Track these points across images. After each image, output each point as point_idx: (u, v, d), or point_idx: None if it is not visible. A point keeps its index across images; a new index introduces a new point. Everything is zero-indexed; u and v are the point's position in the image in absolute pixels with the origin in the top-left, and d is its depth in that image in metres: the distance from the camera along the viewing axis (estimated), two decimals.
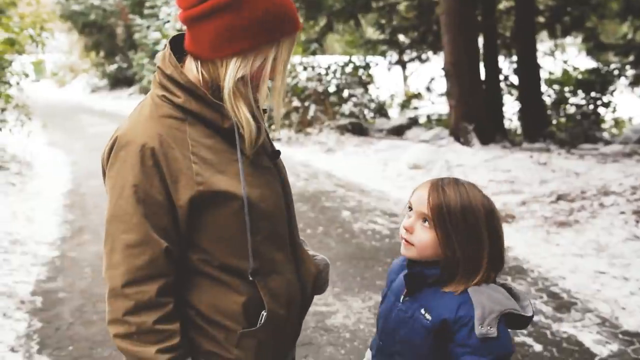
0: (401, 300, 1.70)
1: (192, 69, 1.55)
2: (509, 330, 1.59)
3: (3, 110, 9.89)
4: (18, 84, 10.23)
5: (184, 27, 1.55)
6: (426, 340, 1.60)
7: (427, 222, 1.61)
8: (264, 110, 1.69)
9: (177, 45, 1.58)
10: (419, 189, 1.67)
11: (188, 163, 1.48)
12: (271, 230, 1.60)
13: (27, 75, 10.76)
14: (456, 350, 1.55)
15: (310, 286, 1.76)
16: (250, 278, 1.55)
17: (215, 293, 1.56)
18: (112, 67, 28.05)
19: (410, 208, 1.67)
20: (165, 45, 1.59)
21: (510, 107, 14.49)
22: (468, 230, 1.58)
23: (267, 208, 1.58)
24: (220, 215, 1.52)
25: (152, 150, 1.46)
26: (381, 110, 15.26)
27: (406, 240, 1.65)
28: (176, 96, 1.52)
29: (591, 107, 12.97)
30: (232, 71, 1.49)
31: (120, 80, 27.69)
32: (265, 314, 1.58)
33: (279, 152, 1.71)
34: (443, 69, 11.85)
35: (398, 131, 13.51)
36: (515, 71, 13.85)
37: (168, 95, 1.53)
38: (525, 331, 4.02)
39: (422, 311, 1.61)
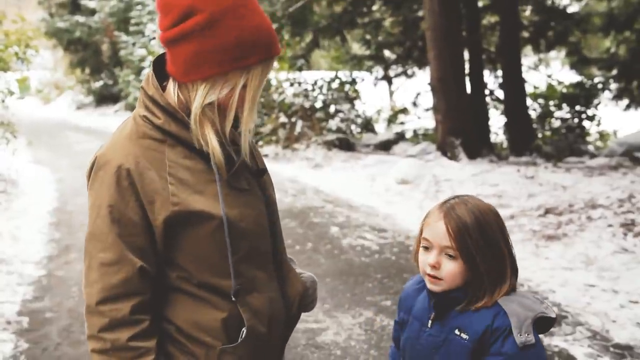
0: (429, 325, 1.68)
1: (171, 90, 1.56)
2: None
3: None
4: (3, 101, 10.16)
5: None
6: None
7: (452, 252, 1.59)
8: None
9: (163, 65, 1.59)
10: (432, 222, 1.64)
11: (164, 184, 1.50)
12: (251, 249, 1.60)
13: (12, 93, 10.69)
14: None
15: (296, 304, 1.75)
16: (233, 298, 1.56)
17: (195, 309, 1.57)
18: (97, 84, 27.94)
19: (427, 242, 1.64)
20: (150, 65, 1.60)
21: (496, 121, 14.58)
22: (488, 245, 1.58)
23: (247, 227, 1.58)
24: (197, 235, 1.53)
25: (127, 171, 1.49)
26: (368, 126, 15.30)
27: (433, 277, 1.63)
28: (157, 117, 1.54)
29: (576, 120, 13.09)
30: (199, 97, 1.49)
31: (105, 97, 27.57)
32: (245, 330, 1.58)
33: (263, 171, 1.70)
34: (429, 84, 11.93)
35: (385, 146, 13.55)
36: (501, 85, 13.96)
37: (149, 115, 1.55)
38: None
39: (457, 332, 1.60)
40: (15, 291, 5.34)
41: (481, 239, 1.57)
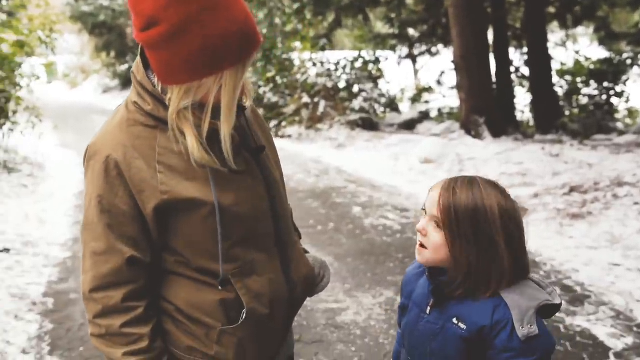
0: (428, 312, 1.63)
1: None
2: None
3: (14, 112, 9.93)
4: (28, 85, 10.26)
5: None
6: (461, 351, 1.55)
7: (439, 224, 1.55)
8: (244, 108, 1.63)
9: None
10: (433, 190, 1.60)
11: (153, 173, 1.49)
12: (248, 232, 1.58)
13: (38, 77, 10.79)
14: (500, 357, 1.49)
15: (301, 286, 1.74)
16: (220, 288, 1.56)
17: (194, 291, 1.58)
18: (122, 68, 28.14)
19: (424, 210, 1.61)
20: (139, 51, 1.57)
21: (522, 99, 14.38)
22: (478, 235, 1.50)
23: (241, 210, 1.55)
24: (189, 222, 1.52)
25: (115, 162, 1.48)
26: (392, 105, 15.21)
27: (420, 245, 1.59)
28: (146, 103, 1.52)
29: (604, 97, 12.86)
30: (174, 102, 1.46)
31: (131, 80, 27.74)
32: (245, 312, 1.58)
33: (262, 148, 1.65)
34: (452, 62, 11.79)
35: (409, 125, 13.46)
36: (526, 63, 13.75)
37: (140, 101, 1.53)
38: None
39: (455, 321, 1.56)
40: (41, 273, 5.42)
41: (470, 226, 1.51)
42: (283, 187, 1.76)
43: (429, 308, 1.64)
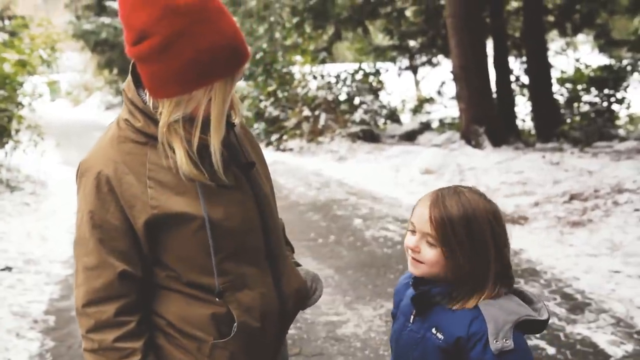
0: (411, 321, 1.65)
1: (148, 95, 1.56)
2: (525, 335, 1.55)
3: (17, 131, 9.97)
4: (30, 104, 10.32)
5: None
6: None
7: (432, 241, 1.56)
8: (233, 124, 1.66)
9: None
10: (420, 206, 1.62)
11: (143, 188, 1.51)
12: (238, 246, 1.60)
13: (40, 96, 10.85)
14: None
15: (293, 299, 1.75)
16: (217, 299, 1.57)
17: (185, 305, 1.59)
18: None
19: (412, 226, 1.62)
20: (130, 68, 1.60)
21: (523, 107, 14.39)
22: (473, 242, 1.53)
23: (231, 225, 1.57)
24: (180, 236, 1.54)
25: (107, 178, 1.51)
26: (393, 116, 15.23)
27: (414, 258, 1.60)
28: (137, 120, 1.55)
29: (605, 104, 12.85)
30: (164, 115, 1.49)
31: None
32: (236, 326, 1.59)
33: (252, 164, 1.68)
34: (452, 72, 11.82)
35: (410, 136, 13.49)
36: (526, 71, 13.77)
37: (130, 119, 1.56)
38: (538, 334, 3.97)
39: (434, 331, 1.57)
40: (43, 290, 5.44)
41: (466, 235, 1.53)
42: (273, 201, 1.78)
43: (412, 317, 1.65)
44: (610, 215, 6.06)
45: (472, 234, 1.53)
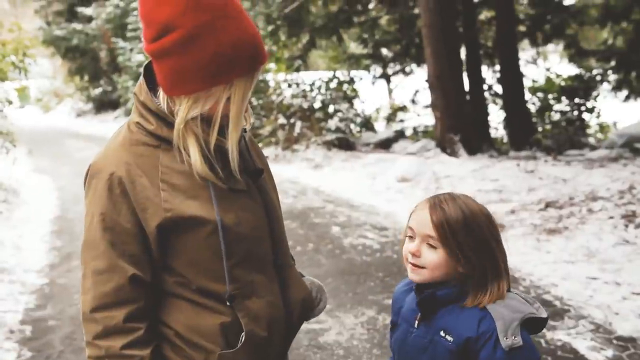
0: (416, 326, 1.66)
1: (161, 96, 1.55)
2: None
3: None
4: (1, 111, 10.16)
5: None
6: None
7: (433, 243, 1.59)
8: (244, 130, 1.66)
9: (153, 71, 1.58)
10: (418, 211, 1.66)
11: (156, 190, 1.50)
12: (248, 253, 1.59)
13: (10, 102, 10.69)
14: None
15: (299, 309, 1.73)
16: (228, 304, 1.56)
17: (193, 315, 1.57)
18: (96, 91, 27.96)
19: (411, 231, 1.64)
20: (141, 71, 1.59)
21: (496, 116, 14.56)
22: (475, 241, 1.57)
23: (243, 231, 1.57)
24: (191, 240, 1.53)
25: (119, 179, 1.49)
26: (367, 124, 15.28)
27: (414, 265, 1.62)
28: (149, 123, 1.54)
29: (576, 113, 13.05)
30: (182, 112, 1.49)
31: (105, 104, 27.60)
32: (244, 335, 1.57)
33: (260, 171, 1.68)
34: (427, 81, 11.92)
35: (385, 144, 13.54)
36: (499, 80, 13.94)
37: (142, 122, 1.55)
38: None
39: (442, 333, 1.58)
40: (18, 300, 5.35)
41: (465, 234, 1.57)
42: (280, 210, 1.77)
43: (416, 322, 1.66)
44: (586, 223, 6.14)
45: (472, 234, 1.58)
